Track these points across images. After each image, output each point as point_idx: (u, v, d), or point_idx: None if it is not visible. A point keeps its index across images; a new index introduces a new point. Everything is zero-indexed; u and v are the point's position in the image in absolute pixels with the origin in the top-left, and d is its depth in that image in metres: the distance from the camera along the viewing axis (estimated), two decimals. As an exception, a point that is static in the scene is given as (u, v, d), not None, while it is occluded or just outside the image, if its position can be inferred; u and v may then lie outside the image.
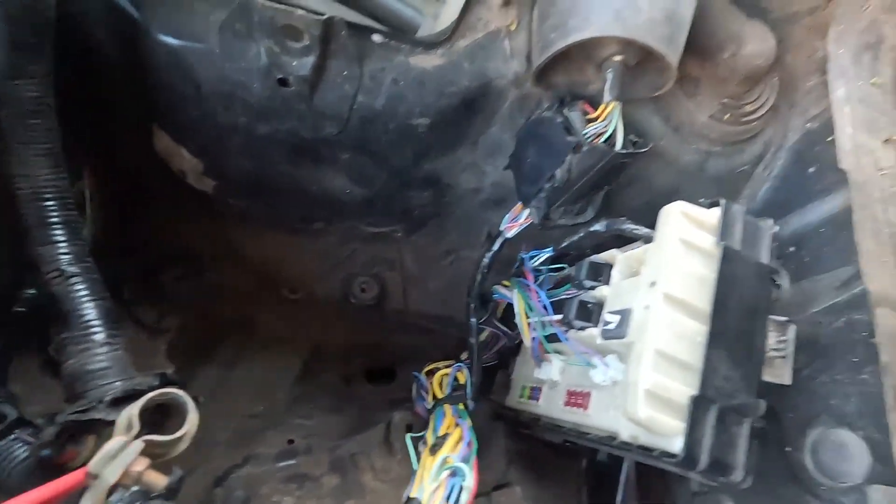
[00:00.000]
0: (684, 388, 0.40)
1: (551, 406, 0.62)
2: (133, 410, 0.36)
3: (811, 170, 0.64)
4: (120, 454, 0.32)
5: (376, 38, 0.51)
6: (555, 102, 0.58)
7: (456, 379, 0.69)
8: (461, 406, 0.62)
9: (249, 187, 0.67)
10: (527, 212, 0.64)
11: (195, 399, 0.70)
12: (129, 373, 0.46)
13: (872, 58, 0.65)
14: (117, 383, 0.44)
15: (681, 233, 0.45)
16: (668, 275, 0.43)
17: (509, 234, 0.68)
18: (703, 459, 0.38)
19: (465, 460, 0.51)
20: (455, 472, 0.49)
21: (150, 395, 0.39)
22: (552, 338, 0.60)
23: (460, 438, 0.53)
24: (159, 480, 0.34)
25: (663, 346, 0.41)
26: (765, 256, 0.46)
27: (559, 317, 0.55)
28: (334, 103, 0.53)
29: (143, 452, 0.34)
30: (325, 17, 0.44)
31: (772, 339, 0.44)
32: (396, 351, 0.99)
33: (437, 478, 0.48)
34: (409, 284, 0.92)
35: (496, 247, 0.70)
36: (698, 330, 0.42)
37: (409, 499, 0.47)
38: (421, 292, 0.95)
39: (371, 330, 0.97)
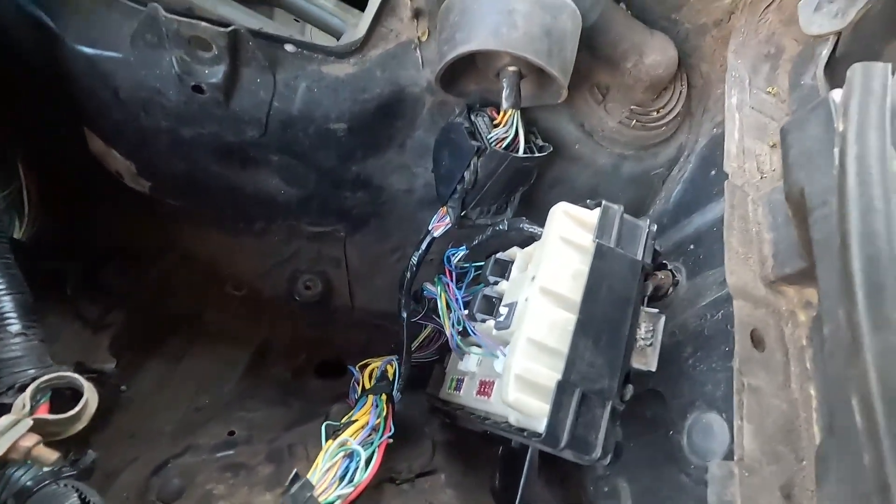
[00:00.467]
0: (553, 374, 0.44)
1: (468, 396, 0.66)
2: (26, 392, 0.39)
3: (713, 173, 0.69)
4: (9, 430, 0.35)
5: (289, 47, 0.55)
6: (464, 109, 0.61)
7: (385, 371, 0.73)
8: (383, 397, 0.65)
9: (184, 188, 0.70)
10: (447, 212, 0.67)
11: (118, 389, 0.73)
12: (45, 362, 0.49)
13: (771, 68, 0.69)
14: (30, 371, 0.47)
15: (561, 231, 0.49)
16: (544, 269, 0.47)
17: (436, 234, 0.72)
18: (564, 438, 0.42)
19: (366, 444, 0.54)
20: (352, 455, 0.52)
21: (44, 378, 0.42)
22: (467, 333, 0.64)
23: (364, 424, 0.56)
24: (49, 455, 0.37)
25: (534, 335, 0.45)
26: (639, 253, 0.49)
27: (467, 311, 0.59)
28: (251, 109, 0.57)
29: (37, 430, 0.37)
30: (230, 28, 0.48)
31: (642, 329, 0.48)
32: (346, 346, 1.02)
33: (332, 458, 0.51)
34: (356, 282, 0.96)
35: (423, 246, 0.73)
36: (569, 320, 0.46)
37: (295, 475, 0.50)
38: (368, 289, 0.99)
39: (320, 326, 1.00)
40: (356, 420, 0.57)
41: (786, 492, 0.38)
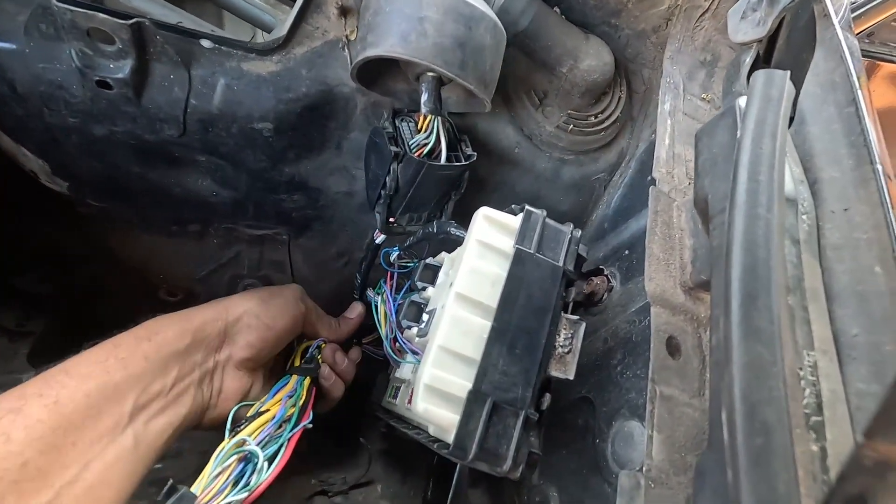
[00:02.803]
0: (465, 384, 0.42)
1: (402, 405, 0.64)
2: None
3: (649, 178, 0.69)
4: None
5: (205, 43, 0.52)
6: (391, 113, 0.60)
7: (318, 350, 0.68)
8: (306, 381, 0.60)
9: (105, 188, 0.66)
10: (384, 217, 0.66)
11: None
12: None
13: (707, 75, 0.70)
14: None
15: (481, 236, 0.48)
16: (462, 275, 0.46)
17: (378, 240, 0.70)
18: (472, 450, 0.40)
19: (272, 441, 0.50)
20: (248, 457, 0.47)
21: None
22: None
23: (270, 419, 0.51)
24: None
25: (446, 342, 0.43)
26: (561, 259, 0.48)
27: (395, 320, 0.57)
28: (165, 106, 0.54)
29: None
30: (132, 21, 0.45)
31: (562, 336, 0.47)
32: (293, 353, 0.99)
33: (223, 462, 0.46)
34: (301, 286, 0.93)
35: (369, 256, 0.71)
36: (486, 327, 0.44)
37: (171, 486, 0.45)
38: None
39: (264, 332, 0.97)
40: (265, 411, 0.53)
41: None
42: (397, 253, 0.65)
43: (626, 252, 0.65)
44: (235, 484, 0.46)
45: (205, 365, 0.53)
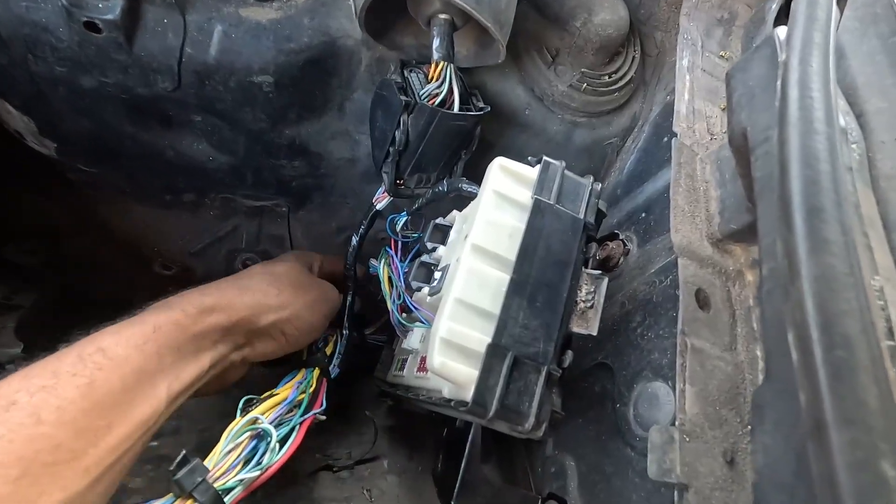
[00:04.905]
0: (483, 338, 0.40)
1: (410, 375, 0.62)
2: None
3: (665, 139, 0.66)
4: None
5: (201, -14, 0.49)
6: (399, 66, 0.57)
7: (325, 342, 0.67)
8: (315, 371, 0.60)
9: (95, 152, 0.63)
10: (387, 179, 0.63)
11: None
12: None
13: (724, 33, 0.67)
14: None
15: (498, 186, 0.45)
16: (477, 226, 0.43)
17: (379, 206, 0.67)
18: (493, 406, 0.38)
19: (282, 423, 0.49)
20: (261, 434, 0.47)
21: None
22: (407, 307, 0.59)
23: (282, 401, 0.51)
24: None
25: (463, 295, 0.41)
26: (581, 211, 0.46)
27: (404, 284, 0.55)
28: (159, 54, 0.51)
29: None
30: (123, -46, 0.42)
31: (583, 291, 0.44)
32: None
33: (236, 439, 0.45)
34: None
35: (366, 221, 0.69)
36: (503, 280, 0.42)
37: (183, 457, 0.43)
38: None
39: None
40: (275, 395, 0.51)
41: (728, 457, 0.35)
42: (405, 218, 0.62)
43: (643, 215, 0.62)
44: (247, 462, 0.44)
45: (229, 357, 0.52)
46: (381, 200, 0.66)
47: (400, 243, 0.65)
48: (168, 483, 0.65)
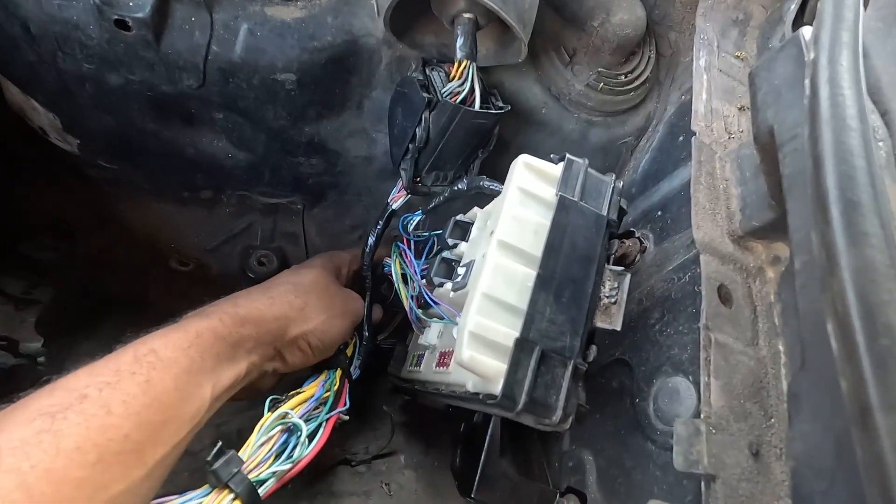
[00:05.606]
0: (510, 332, 0.40)
1: (428, 370, 0.62)
2: None
3: (681, 139, 0.67)
4: None
5: (228, -16, 0.50)
6: (420, 64, 0.57)
7: (345, 345, 0.68)
8: (337, 371, 0.61)
9: (117, 148, 0.64)
10: (405, 177, 0.63)
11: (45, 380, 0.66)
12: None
13: (740, 34, 0.68)
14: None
15: (522, 183, 0.46)
16: (503, 222, 0.44)
17: (395, 206, 0.67)
18: (522, 399, 0.38)
19: (310, 419, 0.50)
20: (291, 429, 0.48)
21: None
22: (426, 303, 0.60)
23: (309, 397, 0.52)
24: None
25: (490, 290, 0.41)
26: (604, 208, 0.47)
27: (424, 280, 0.55)
28: (186, 52, 0.51)
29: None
30: (155, -47, 0.43)
31: (606, 287, 0.45)
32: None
33: (268, 432, 0.46)
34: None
35: (382, 220, 0.69)
36: (529, 276, 0.42)
37: (220, 448, 0.45)
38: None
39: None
40: (301, 392, 0.52)
41: (754, 449, 0.36)
42: (419, 218, 0.62)
43: (659, 213, 0.63)
44: (278, 456, 0.45)
45: (262, 367, 0.53)
46: (398, 199, 0.67)
47: (412, 241, 0.65)
48: (189, 475, 0.66)
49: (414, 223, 0.62)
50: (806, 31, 0.38)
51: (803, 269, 0.27)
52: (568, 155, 0.48)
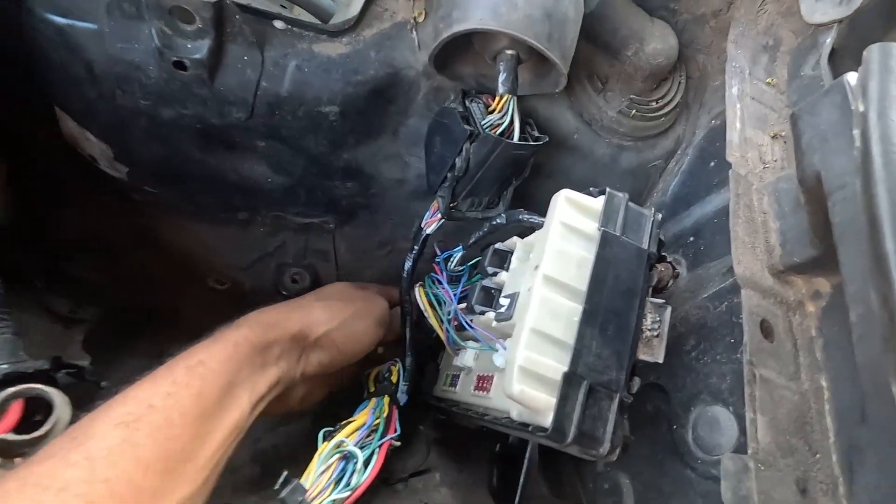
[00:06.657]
0: (558, 366, 0.42)
1: (465, 392, 0.64)
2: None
3: (712, 164, 0.68)
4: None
5: (278, 24, 0.52)
6: (459, 94, 0.59)
7: (387, 373, 0.70)
8: (385, 398, 0.63)
9: (164, 174, 0.66)
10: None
11: (98, 385, 0.69)
12: (19, 356, 0.46)
13: (770, 59, 0.69)
14: (3, 366, 0.44)
15: (564, 217, 0.47)
16: (548, 257, 0.45)
17: (429, 231, 0.68)
18: (572, 432, 0.40)
19: (363, 446, 0.52)
20: (348, 457, 0.50)
21: (11, 390, 0.39)
22: (461, 325, 0.61)
23: (361, 425, 0.54)
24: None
25: (538, 325, 0.43)
26: (645, 242, 0.48)
27: (463, 305, 0.57)
28: (237, 88, 0.53)
29: None
30: (214, 0, 0.44)
31: (648, 320, 0.46)
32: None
33: (326, 461, 0.48)
34: (345, 276, 0.92)
35: (417, 246, 0.70)
36: (575, 310, 0.44)
37: (286, 477, 0.47)
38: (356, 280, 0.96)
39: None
40: (353, 421, 0.55)
41: (801, 486, 0.37)
42: (461, 254, 0.63)
43: (692, 239, 0.64)
44: (337, 483, 0.48)
45: (291, 373, 0.56)
46: (431, 224, 0.68)
47: (448, 275, 0.66)
48: (231, 492, 0.68)
49: (456, 260, 0.63)
50: (851, 78, 0.39)
51: (860, 322, 0.28)
52: (609, 189, 0.49)
